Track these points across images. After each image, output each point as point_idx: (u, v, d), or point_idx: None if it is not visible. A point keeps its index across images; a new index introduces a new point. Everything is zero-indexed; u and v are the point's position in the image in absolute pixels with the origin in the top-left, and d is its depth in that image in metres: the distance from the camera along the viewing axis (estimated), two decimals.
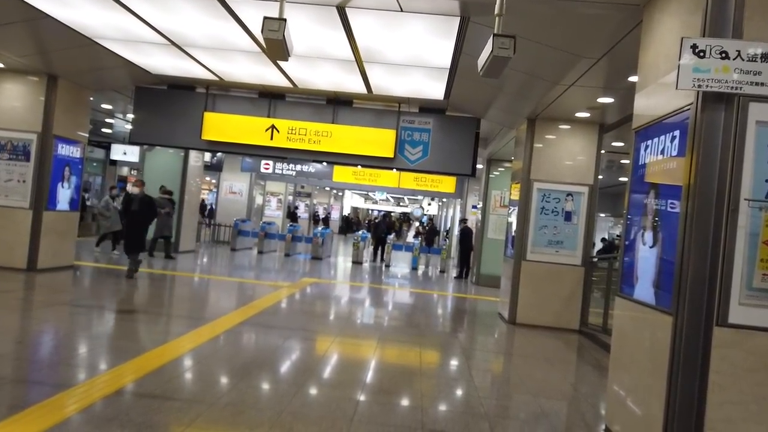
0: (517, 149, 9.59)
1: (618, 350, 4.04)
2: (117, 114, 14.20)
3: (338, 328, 7.07)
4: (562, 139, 8.61)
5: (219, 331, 6.06)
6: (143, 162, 14.63)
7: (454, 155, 9.84)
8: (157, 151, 14.39)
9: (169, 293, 8.93)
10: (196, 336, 5.71)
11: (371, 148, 9.76)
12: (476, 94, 8.47)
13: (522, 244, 8.56)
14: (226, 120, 9.85)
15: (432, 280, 14.76)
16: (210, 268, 12.71)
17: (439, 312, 9.72)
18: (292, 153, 9.95)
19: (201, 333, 5.87)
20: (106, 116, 14.38)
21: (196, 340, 5.52)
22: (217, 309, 7.70)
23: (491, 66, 3.86)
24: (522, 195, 8.66)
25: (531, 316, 8.47)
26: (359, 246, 16.66)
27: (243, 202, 20.12)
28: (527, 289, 8.51)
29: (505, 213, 13.78)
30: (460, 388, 4.89)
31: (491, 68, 3.90)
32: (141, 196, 9.47)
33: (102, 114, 14.13)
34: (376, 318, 8.31)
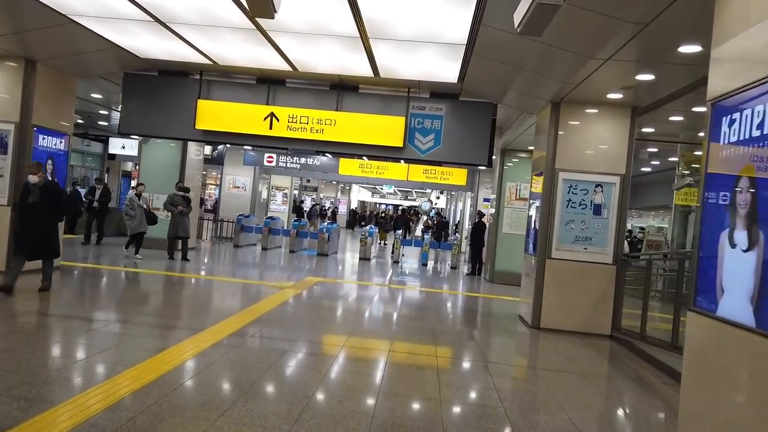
0: (538, 137, 8.76)
1: (694, 380, 3.24)
2: (112, 105, 13.48)
3: (342, 337, 6.32)
4: (590, 124, 7.78)
5: (204, 345, 5.32)
6: (140, 155, 13.95)
7: (468, 144, 9.04)
8: (153, 144, 13.69)
9: (158, 298, 8.21)
10: (176, 352, 4.97)
11: (378, 136, 8.98)
12: (494, 75, 7.65)
13: (546, 241, 7.75)
14: (221, 108, 9.10)
15: (443, 277, 13.98)
16: (210, 267, 12.00)
17: (453, 315, 8.95)
18: (292, 143, 9.18)
19: (183, 348, 5.13)
20: (101, 107, 13.67)
21: (174, 359, 4.79)
22: (210, 316, 6.96)
23: (533, 18, 3.07)
24: (546, 187, 7.85)
25: (557, 320, 7.68)
26: (367, 242, 15.90)
27: (246, 196, 19.43)
28: (552, 290, 7.72)
29: (521, 206, 13.00)
30: (490, 419, 4.12)
31: (533, 21, 3.12)
32: (42, 185, 6.94)
33: (97, 105, 13.42)
34: (385, 324, 7.55)
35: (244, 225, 16.48)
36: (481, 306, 9.87)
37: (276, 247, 16.99)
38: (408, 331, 6.97)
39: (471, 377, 5.21)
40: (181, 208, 11.54)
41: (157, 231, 12.12)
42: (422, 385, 4.69)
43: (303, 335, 6.14)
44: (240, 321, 6.38)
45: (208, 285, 9.57)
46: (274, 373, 4.64)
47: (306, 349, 5.62)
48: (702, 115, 3.41)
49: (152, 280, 9.43)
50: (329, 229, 16.16)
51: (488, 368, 5.43)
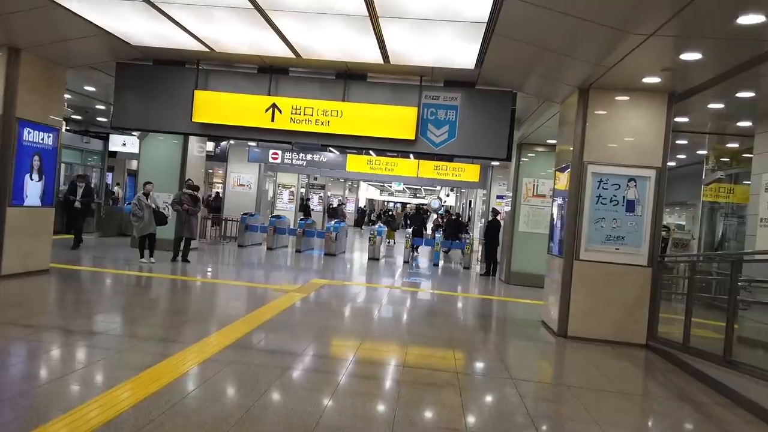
0: (562, 128, 8.07)
1: None
2: (110, 99, 12.89)
3: (351, 349, 5.68)
4: (621, 113, 7.08)
5: (195, 360, 4.70)
6: (140, 152, 13.38)
7: (485, 136, 8.35)
8: (153, 141, 13.11)
9: (150, 305, 7.60)
10: (161, 371, 4.35)
11: (388, 129, 8.31)
12: (515, 59, 6.97)
13: (574, 241, 7.07)
14: (219, 99, 8.47)
15: (457, 278, 13.31)
16: (211, 269, 11.39)
17: (471, 321, 8.28)
18: (296, 136, 8.54)
19: (169, 366, 4.51)
20: (99, 102, 13.11)
21: (159, 379, 4.17)
22: (205, 326, 6.32)
23: None
24: (572, 182, 7.16)
25: (586, 328, 6.99)
26: (376, 241, 15.25)
27: (252, 195, 18.84)
28: (581, 294, 7.03)
29: (538, 203, 12.32)
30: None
31: None
32: None
33: (94, 100, 12.86)
34: (398, 333, 6.90)
35: (249, 224, 15.89)
36: (500, 310, 9.19)
37: (282, 246, 16.39)
38: (423, 341, 6.31)
39: (499, 399, 4.54)
40: (187, 206, 10.94)
41: (161, 231, 11.55)
42: (443, 410, 4.03)
43: (307, 347, 5.50)
44: (238, 331, 5.75)
45: (208, 289, 8.95)
46: (271, 398, 4.00)
47: (310, 365, 4.98)
48: (747, 101, 2.71)
49: (147, 284, 8.84)
50: (336, 228, 15.53)
51: (517, 387, 4.76)
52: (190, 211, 10.96)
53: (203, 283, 9.29)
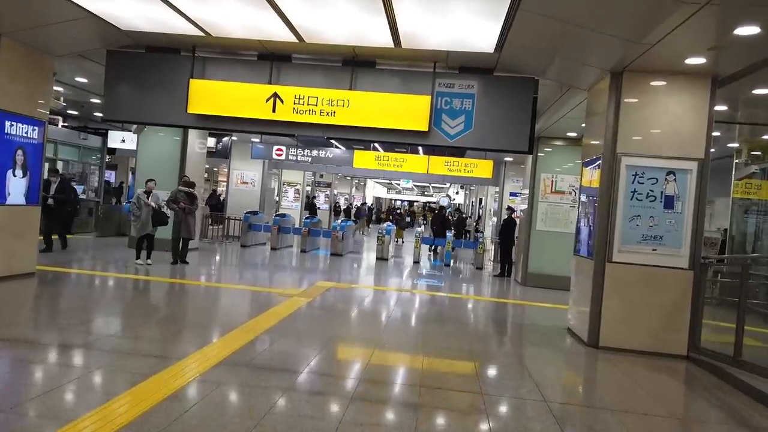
0: (591, 118, 7.38)
1: None
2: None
3: (358, 365, 5.04)
4: (659, 99, 6.38)
5: (180, 381, 4.08)
6: (137, 148, 12.81)
7: (505, 127, 7.67)
8: (151, 136, 12.54)
9: (139, 312, 6.97)
10: (140, 394, 3.73)
11: (399, 119, 7.66)
12: (541, 38, 6.29)
13: (606, 241, 6.39)
14: (217, 89, 7.85)
15: (470, 279, 12.64)
16: (210, 271, 10.77)
17: (490, 328, 7.62)
18: (299, 128, 7.90)
19: (150, 387, 3.89)
20: (94, 95, 12.51)
21: (137, 404, 3.54)
22: (196, 337, 5.67)
23: None
24: (604, 176, 6.47)
25: (619, 337, 6.32)
26: (384, 240, 14.61)
27: (256, 192, 18.25)
28: (614, 300, 6.35)
29: (557, 200, 11.64)
30: None
31: None
32: None
33: (89, 93, 12.27)
34: (412, 343, 6.25)
35: (252, 223, 15.30)
36: (520, 316, 8.52)
37: (286, 246, 15.78)
38: (439, 353, 5.66)
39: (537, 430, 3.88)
40: (183, 205, 10.32)
41: (160, 231, 10.95)
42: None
43: (309, 363, 4.86)
44: (232, 344, 5.13)
45: (206, 293, 8.33)
46: (268, 427, 3.37)
47: (311, 386, 4.34)
48: None
49: (138, 289, 8.24)
50: (343, 227, 14.89)
51: (552, 411, 4.10)
52: (187, 210, 10.35)
53: (201, 287, 8.67)
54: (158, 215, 9.89)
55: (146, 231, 9.80)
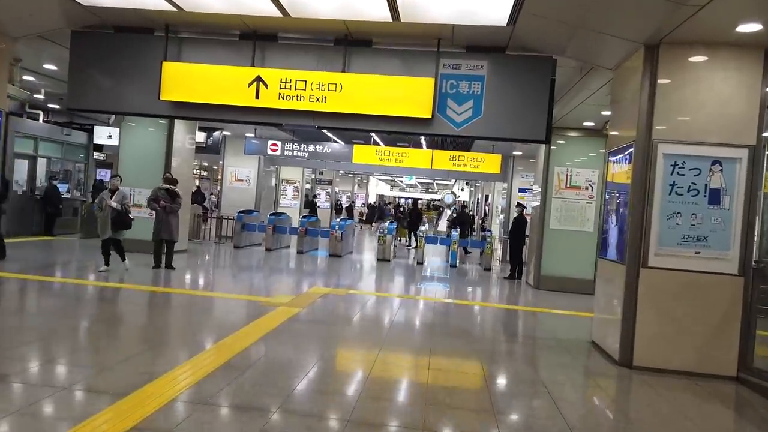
0: (618, 102, 6.45)
1: None
2: None
3: (345, 397, 4.15)
4: (703, 75, 5.45)
5: (122, 426, 3.19)
6: (120, 144, 11.95)
7: (519, 113, 6.77)
8: (133, 129, 11.69)
9: (80, 331, 6.07)
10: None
11: (399, 106, 6.76)
12: (563, 6, 5.38)
13: (641, 243, 5.47)
14: (193, 72, 6.97)
15: (479, 282, 11.73)
16: (193, 276, 9.83)
17: (504, 344, 6.70)
18: (285, 116, 7.01)
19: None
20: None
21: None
22: (154, 363, 4.72)
23: None
24: (637, 167, 5.55)
25: (657, 356, 5.40)
26: (385, 241, 13.72)
27: (251, 190, 17.37)
28: (650, 312, 5.43)
29: (572, 195, 10.72)
30: None
31: None
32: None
33: (63, 83, 11.37)
34: (412, 364, 5.35)
35: (246, 223, 14.42)
36: (536, 326, 7.60)
37: (283, 247, 14.91)
38: (448, 378, 4.75)
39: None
40: (163, 203, 9.43)
41: (140, 232, 10.10)
42: None
43: (288, 397, 3.97)
44: (197, 371, 4.24)
45: (179, 304, 7.35)
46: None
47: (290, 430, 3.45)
48: None
49: (92, 298, 7.36)
50: (342, 226, 14.00)
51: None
52: (168, 209, 9.46)
53: (173, 297, 7.73)
54: (119, 218, 8.56)
55: (106, 235, 8.55)
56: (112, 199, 8.55)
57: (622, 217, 5.79)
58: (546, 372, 5.22)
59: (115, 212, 8.51)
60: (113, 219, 8.51)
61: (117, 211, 8.52)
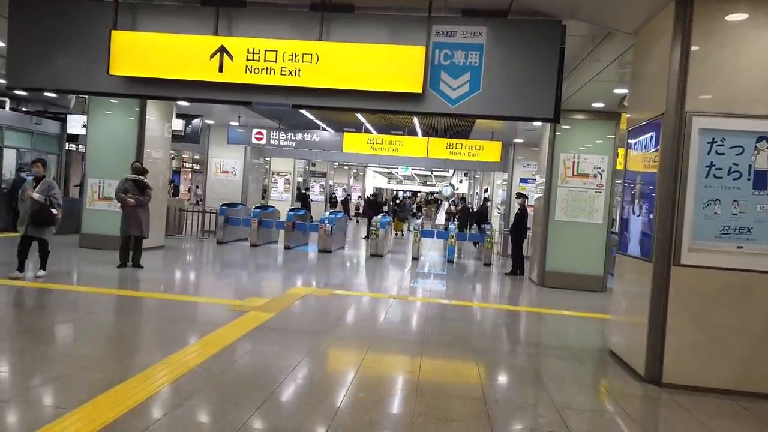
0: (641, 71, 5.54)
1: None
2: None
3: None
4: (746, 34, 4.54)
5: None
6: (87, 131, 11.01)
7: (523, 87, 5.84)
8: (100, 117, 10.75)
9: (18, 341, 5.18)
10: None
11: (384, 79, 5.83)
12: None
13: (670, 236, 4.57)
14: (146, 43, 6.03)
15: (478, 280, 10.84)
16: (159, 276, 8.71)
17: (509, 355, 5.82)
18: (253, 92, 6.06)
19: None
20: None
21: None
22: (63, 395, 3.85)
23: None
24: (666, 146, 4.65)
25: (691, 370, 4.52)
26: (378, 235, 12.82)
27: (237, 182, 16.46)
28: (683, 318, 4.55)
29: (580, 184, 9.83)
30: None
31: None
32: None
33: None
34: (402, 390, 4.47)
35: (230, 217, 13.51)
36: (543, 331, 6.71)
37: (270, 242, 14.01)
38: (443, 407, 3.86)
39: None
40: (133, 201, 8.51)
41: (110, 227, 9.14)
42: None
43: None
44: (107, 411, 3.35)
45: (128, 310, 6.26)
46: None
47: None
48: None
49: (39, 302, 6.46)
50: (332, 219, 13.09)
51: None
52: (136, 202, 8.56)
53: (128, 301, 6.67)
54: (41, 212, 7.08)
55: (24, 231, 7.11)
56: (35, 189, 7.12)
57: (647, 207, 4.89)
58: (558, 393, 4.32)
59: (37, 205, 7.06)
60: (33, 213, 7.04)
61: (39, 203, 7.07)
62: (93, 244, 10.43)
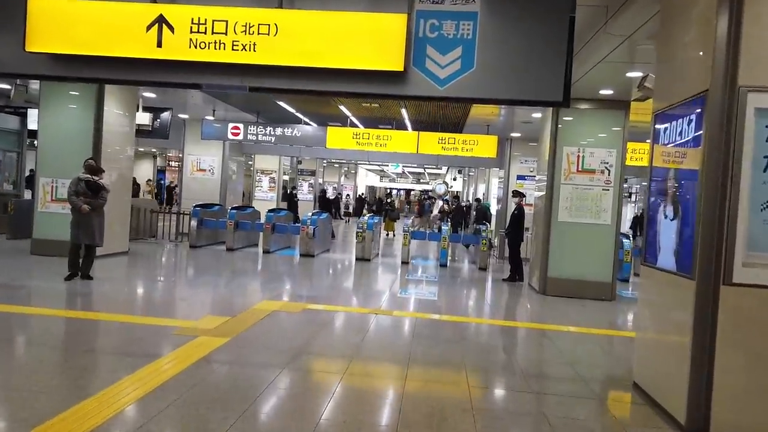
0: (672, 43, 4.54)
1: None
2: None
3: None
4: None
5: None
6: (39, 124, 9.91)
7: (525, 65, 4.83)
8: (53, 109, 9.66)
9: None
10: None
11: (357, 55, 4.80)
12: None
13: (718, 248, 3.57)
14: (71, 12, 4.98)
15: (473, 287, 9.83)
16: (106, 288, 7.39)
17: (509, 394, 4.80)
18: (200, 72, 5.02)
19: None
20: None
21: None
22: None
23: None
24: (711, 130, 3.64)
25: (748, 418, 3.52)
26: (365, 237, 11.79)
27: (215, 181, 15.39)
28: (738, 352, 3.55)
29: (586, 181, 8.87)
30: None
31: None
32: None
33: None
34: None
35: (204, 219, 12.45)
36: (549, 353, 5.70)
37: (249, 246, 12.95)
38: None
39: None
40: (84, 198, 7.43)
41: (64, 232, 8.04)
42: None
43: None
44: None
45: (54, 336, 5.16)
46: None
47: None
48: None
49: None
50: (314, 221, 12.04)
51: None
52: (92, 205, 7.47)
53: (55, 321, 5.65)
54: None
55: None
56: None
57: (686, 208, 3.89)
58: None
59: None
60: None
61: None
62: (46, 250, 9.34)
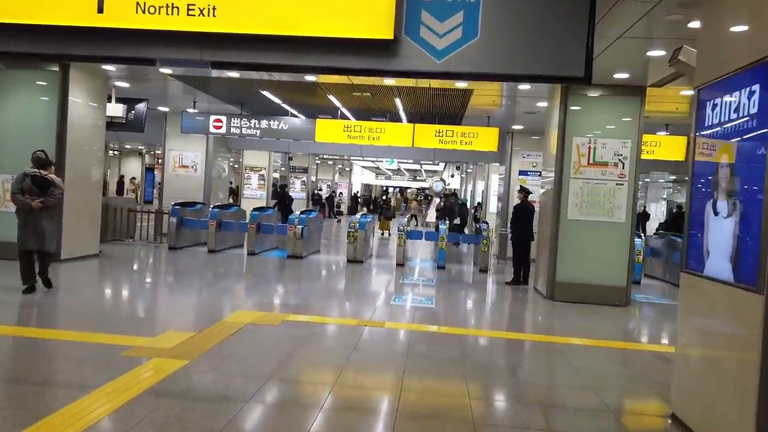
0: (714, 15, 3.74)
1: None
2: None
3: None
4: None
5: None
6: None
7: (538, 33, 4.03)
8: (11, 97, 8.80)
9: None
10: None
11: (338, 21, 3.99)
12: None
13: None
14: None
15: (474, 292, 9.03)
16: (65, 297, 6.58)
17: (521, 420, 4.00)
18: (152, 44, 4.17)
19: None
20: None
21: None
22: None
23: None
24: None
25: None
26: (357, 237, 10.99)
27: (198, 179, 14.55)
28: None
29: (598, 175, 8.09)
30: None
31: None
32: None
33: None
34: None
35: (184, 218, 11.62)
36: (565, 374, 4.90)
37: (233, 246, 12.12)
38: None
39: None
40: (36, 198, 6.55)
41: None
42: None
43: None
44: None
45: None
46: None
47: None
48: None
49: None
50: (302, 220, 11.22)
51: None
52: (46, 204, 6.59)
53: (13, 341, 4.92)
54: None
55: None
56: None
57: (747, 205, 3.09)
58: None
59: None
60: None
61: None
62: (6, 254, 8.50)
